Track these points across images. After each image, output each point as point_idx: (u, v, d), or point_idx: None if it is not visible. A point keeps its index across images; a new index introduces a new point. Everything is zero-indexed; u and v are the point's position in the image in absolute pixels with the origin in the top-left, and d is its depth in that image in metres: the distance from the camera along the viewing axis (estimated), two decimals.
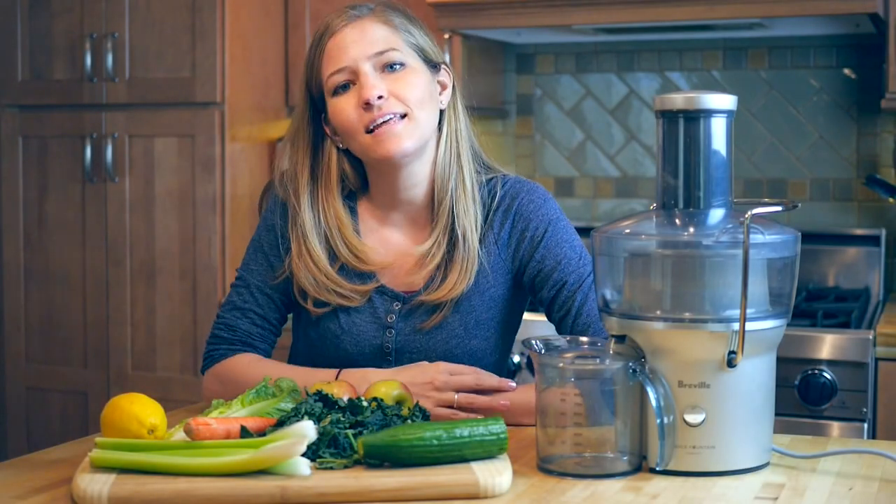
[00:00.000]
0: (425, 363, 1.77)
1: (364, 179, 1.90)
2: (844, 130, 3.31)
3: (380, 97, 1.76)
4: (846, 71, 3.31)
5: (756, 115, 3.38)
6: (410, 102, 1.78)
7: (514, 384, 1.73)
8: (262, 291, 1.89)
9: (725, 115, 1.51)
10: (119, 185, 3.37)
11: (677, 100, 1.51)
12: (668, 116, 1.51)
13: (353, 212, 1.89)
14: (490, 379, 1.72)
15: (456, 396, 1.71)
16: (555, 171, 3.61)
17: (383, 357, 1.85)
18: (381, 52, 1.79)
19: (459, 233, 1.84)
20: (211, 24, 3.24)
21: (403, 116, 1.78)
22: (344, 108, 1.79)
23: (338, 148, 1.86)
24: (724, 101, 1.50)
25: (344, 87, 1.80)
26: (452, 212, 1.84)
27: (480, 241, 1.86)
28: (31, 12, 3.45)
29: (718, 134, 1.50)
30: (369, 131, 1.77)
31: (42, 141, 3.47)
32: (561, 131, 3.60)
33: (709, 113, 1.50)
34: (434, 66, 1.86)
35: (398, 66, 1.80)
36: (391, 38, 1.81)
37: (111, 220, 3.39)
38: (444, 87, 1.88)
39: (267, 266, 1.89)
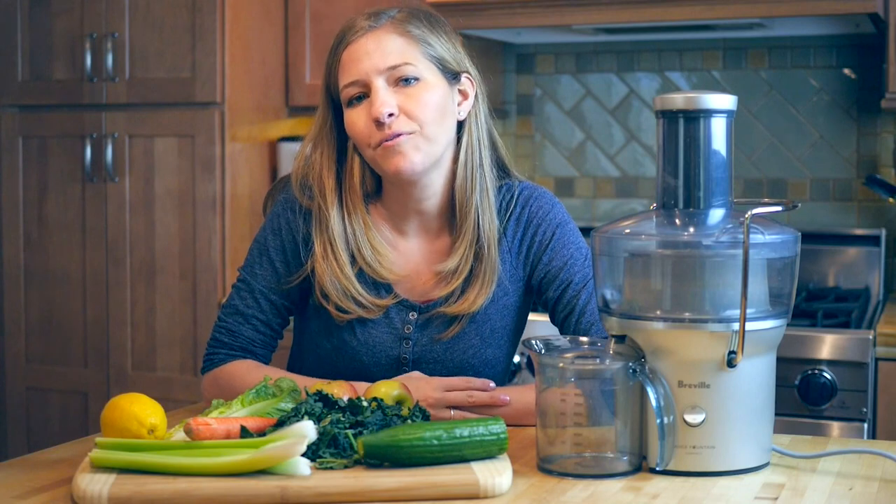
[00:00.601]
0: (416, 374, 1.77)
1: (379, 184, 1.88)
2: (844, 130, 3.31)
3: (390, 115, 1.73)
4: (846, 71, 3.31)
5: (756, 115, 3.38)
6: (422, 120, 1.75)
7: (507, 398, 1.72)
8: (266, 297, 1.87)
9: (725, 115, 1.51)
10: (119, 185, 3.37)
11: (677, 100, 1.51)
12: (668, 116, 1.51)
13: None
14: (481, 396, 1.72)
15: (452, 413, 1.70)
16: (555, 171, 3.61)
17: (400, 368, 1.84)
18: (395, 67, 1.75)
19: (485, 246, 1.82)
20: (211, 24, 3.24)
21: (411, 133, 1.75)
22: (356, 122, 1.77)
23: (357, 151, 1.84)
24: (724, 101, 1.51)
25: (358, 99, 1.77)
26: (478, 226, 1.82)
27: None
28: (31, 12, 3.45)
29: (718, 134, 1.50)
30: (378, 146, 1.76)
31: (42, 141, 3.47)
32: (561, 131, 3.60)
33: (709, 113, 1.50)
34: (454, 75, 1.82)
35: (413, 81, 1.76)
36: (407, 51, 1.76)
37: (111, 220, 3.39)
38: (465, 96, 1.83)
39: (272, 271, 1.87)
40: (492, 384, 1.74)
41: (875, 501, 1.40)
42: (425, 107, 1.75)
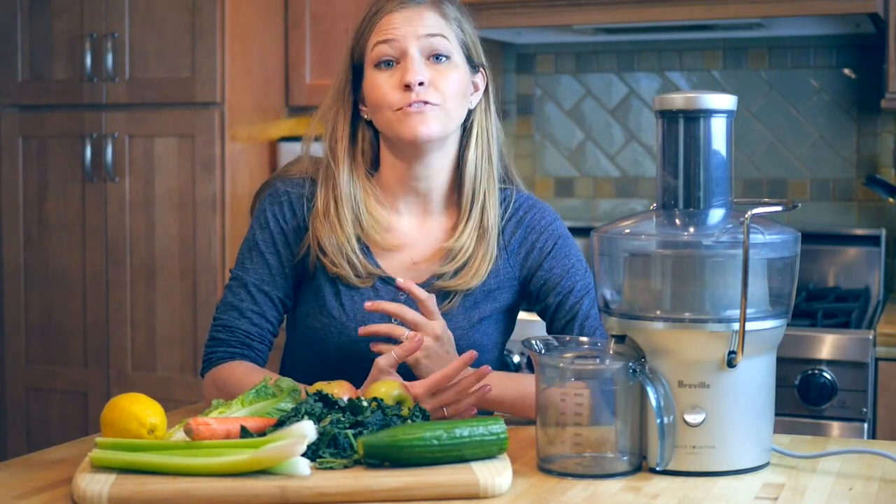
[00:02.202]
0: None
1: (377, 159, 1.91)
2: (844, 130, 3.31)
3: (420, 83, 1.79)
4: (846, 71, 3.31)
5: (756, 115, 3.38)
6: (447, 95, 1.81)
7: (489, 368, 1.68)
8: (259, 289, 1.88)
9: (725, 115, 1.51)
10: (119, 185, 3.37)
11: (677, 100, 1.51)
12: (668, 116, 1.51)
13: None
14: (467, 381, 1.67)
15: (446, 411, 1.70)
16: (555, 171, 3.61)
17: (388, 343, 1.84)
18: (433, 35, 1.81)
19: (488, 229, 1.87)
20: (211, 24, 3.24)
21: (437, 105, 1.81)
22: (381, 85, 1.81)
23: (362, 119, 1.89)
24: (724, 101, 1.51)
25: (387, 64, 1.82)
26: (483, 210, 1.87)
27: None
28: (31, 12, 3.45)
29: (718, 134, 1.51)
30: (400, 109, 1.80)
31: (42, 141, 3.47)
32: (561, 131, 3.60)
33: (709, 113, 1.50)
34: (474, 67, 1.89)
35: (443, 58, 1.82)
36: (444, 27, 1.84)
37: (111, 220, 3.39)
38: (476, 88, 1.90)
39: (262, 263, 1.88)
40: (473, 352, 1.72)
41: (875, 501, 1.40)
42: (452, 84, 1.82)
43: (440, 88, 1.81)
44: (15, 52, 3.48)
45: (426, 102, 1.79)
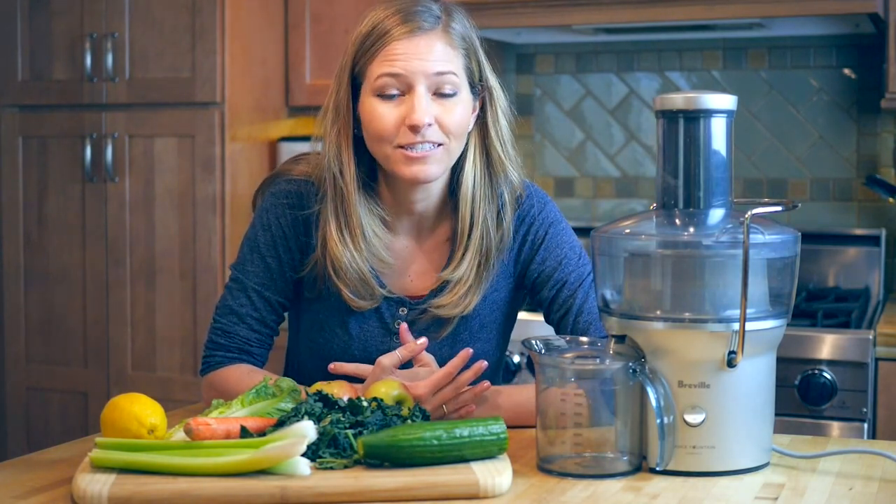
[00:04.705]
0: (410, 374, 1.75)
1: (370, 177, 1.86)
2: (844, 130, 3.31)
3: (429, 124, 1.73)
4: (846, 71, 3.31)
5: (756, 115, 3.38)
6: (452, 135, 1.76)
7: (485, 363, 1.69)
8: (260, 294, 1.86)
9: (725, 115, 1.51)
10: (119, 185, 3.37)
11: (677, 100, 1.51)
12: (668, 116, 1.51)
13: None
14: (464, 377, 1.68)
15: (445, 409, 1.70)
16: (555, 171, 3.61)
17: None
18: (442, 74, 1.74)
19: (490, 256, 1.83)
20: (211, 24, 3.24)
21: (439, 145, 1.75)
22: (384, 116, 1.74)
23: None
24: (724, 101, 1.51)
25: (391, 96, 1.74)
26: (485, 237, 1.82)
27: None
28: (31, 12, 3.45)
29: (718, 134, 1.51)
30: (401, 147, 1.74)
31: (42, 141, 3.48)
32: (561, 131, 3.60)
33: (709, 113, 1.50)
34: (475, 90, 1.82)
35: (450, 94, 1.75)
36: (453, 60, 1.76)
37: (111, 220, 3.39)
38: (473, 110, 1.83)
39: (263, 267, 1.86)
40: (483, 362, 1.71)
41: (875, 501, 1.40)
42: (458, 123, 1.76)
43: (445, 126, 1.74)
44: (15, 52, 3.49)
45: (430, 144, 1.73)
